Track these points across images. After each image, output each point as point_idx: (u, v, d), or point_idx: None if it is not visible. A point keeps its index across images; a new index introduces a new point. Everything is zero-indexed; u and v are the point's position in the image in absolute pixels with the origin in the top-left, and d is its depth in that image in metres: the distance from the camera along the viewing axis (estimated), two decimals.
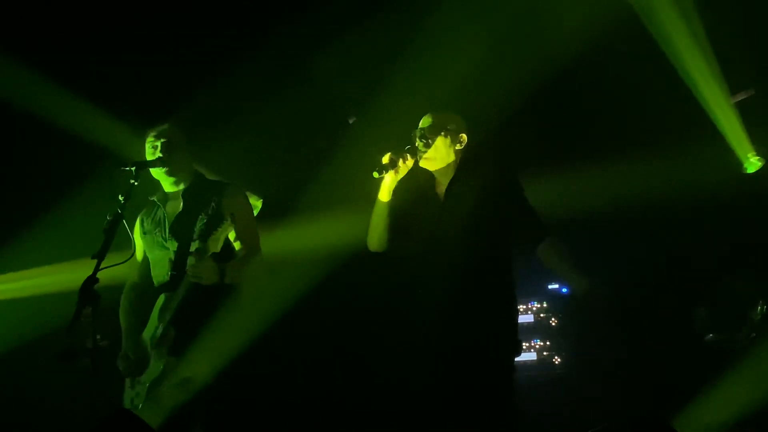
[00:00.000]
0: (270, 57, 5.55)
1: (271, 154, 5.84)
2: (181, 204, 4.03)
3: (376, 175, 3.65)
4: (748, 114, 5.82)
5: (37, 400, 5.34)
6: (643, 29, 5.38)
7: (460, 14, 5.40)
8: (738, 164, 5.92)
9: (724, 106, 5.80)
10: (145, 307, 4.05)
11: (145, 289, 4.13)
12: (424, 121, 3.86)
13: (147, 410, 3.80)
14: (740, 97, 5.94)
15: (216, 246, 3.80)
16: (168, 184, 4.07)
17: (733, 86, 5.84)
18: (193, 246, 3.86)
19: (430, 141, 3.79)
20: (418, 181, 3.92)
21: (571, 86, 5.83)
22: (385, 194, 3.75)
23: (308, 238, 5.71)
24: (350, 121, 6.15)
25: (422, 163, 3.83)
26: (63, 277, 5.23)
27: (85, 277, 3.27)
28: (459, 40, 5.45)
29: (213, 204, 3.96)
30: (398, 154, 3.69)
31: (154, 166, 3.96)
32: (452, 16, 5.36)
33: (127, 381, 3.96)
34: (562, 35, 5.27)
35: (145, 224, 4.11)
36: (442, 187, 3.87)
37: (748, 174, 5.87)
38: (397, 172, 3.69)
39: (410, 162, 3.73)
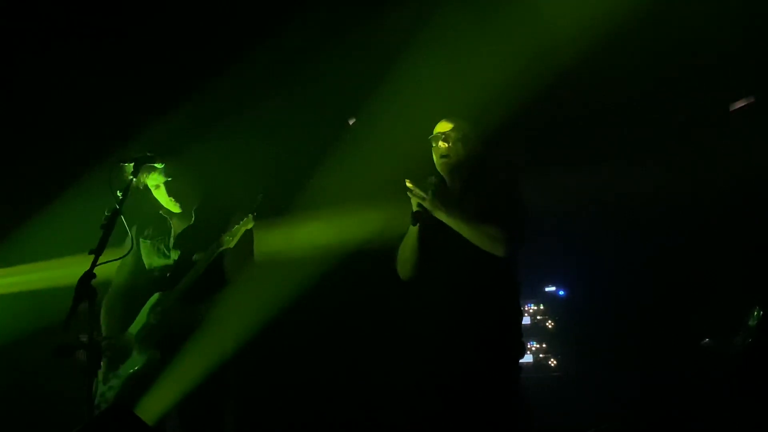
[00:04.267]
0: (270, 56, 5.55)
1: (269, 153, 5.84)
2: (193, 219, 4.16)
3: (412, 225, 3.75)
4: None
5: (34, 395, 5.35)
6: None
7: (461, 14, 5.39)
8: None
9: None
10: (131, 305, 4.11)
11: (131, 290, 4.20)
12: (443, 126, 3.93)
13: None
14: (740, 104, 5.96)
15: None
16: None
17: (734, 93, 5.87)
18: (196, 257, 3.98)
19: (453, 145, 3.86)
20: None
21: (576, 83, 5.78)
22: (415, 230, 3.81)
23: (306, 237, 5.71)
24: (350, 123, 6.15)
25: (440, 168, 3.91)
26: (60, 272, 5.23)
27: (83, 273, 3.28)
28: (460, 40, 5.45)
29: (218, 230, 4.00)
30: (428, 201, 3.71)
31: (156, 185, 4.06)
32: (453, 15, 5.35)
33: (100, 375, 3.97)
34: (568, 31, 5.24)
35: (146, 230, 4.23)
36: (454, 191, 3.93)
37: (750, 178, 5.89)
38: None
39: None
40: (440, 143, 3.89)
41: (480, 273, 3.73)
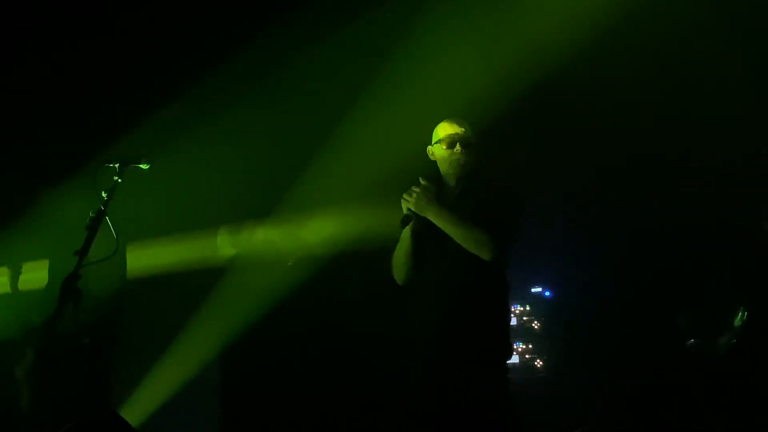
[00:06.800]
0: (257, 56, 5.54)
1: (257, 154, 5.83)
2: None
3: (402, 229, 3.71)
4: None
5: (18, 397, 5.31)
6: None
7: (449, 13, 5.38)
8: None
9: None
10: None
11: None
12: (456, 128, 3.84)
13: None
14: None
15: None
16: None
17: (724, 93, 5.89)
18: None
19: (471, 150, 3.80)
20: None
21: (561, 83, 5.77)
22: (408, 232, 3.77)
23: (292, 238, 5.71)
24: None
25: (454, 171, 3.83)
26: (45, 273, 5.20)
27: (68, 274, 3.26)
28: (448, 40, 5.45)
29: None
30: (413, 202, 3.69)
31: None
32: (441, 15, 5.35)
33: None
34: (558, 31, 5.23)
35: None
36: (452, 195, 3.88)
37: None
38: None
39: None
40: (458, 147, 3.81)
41: (472, 275, 3.72)
